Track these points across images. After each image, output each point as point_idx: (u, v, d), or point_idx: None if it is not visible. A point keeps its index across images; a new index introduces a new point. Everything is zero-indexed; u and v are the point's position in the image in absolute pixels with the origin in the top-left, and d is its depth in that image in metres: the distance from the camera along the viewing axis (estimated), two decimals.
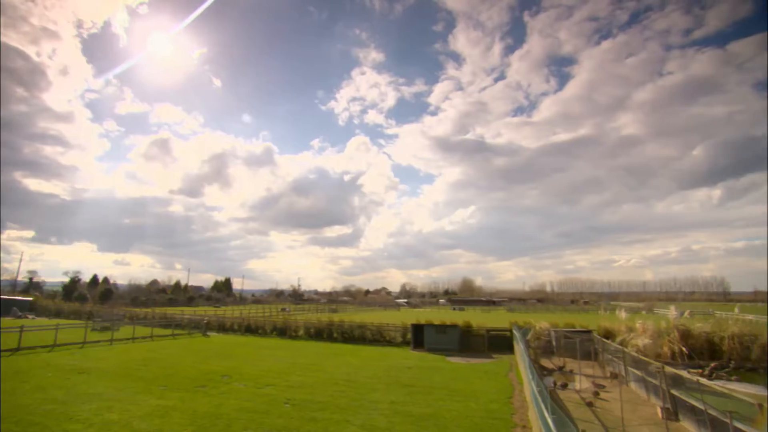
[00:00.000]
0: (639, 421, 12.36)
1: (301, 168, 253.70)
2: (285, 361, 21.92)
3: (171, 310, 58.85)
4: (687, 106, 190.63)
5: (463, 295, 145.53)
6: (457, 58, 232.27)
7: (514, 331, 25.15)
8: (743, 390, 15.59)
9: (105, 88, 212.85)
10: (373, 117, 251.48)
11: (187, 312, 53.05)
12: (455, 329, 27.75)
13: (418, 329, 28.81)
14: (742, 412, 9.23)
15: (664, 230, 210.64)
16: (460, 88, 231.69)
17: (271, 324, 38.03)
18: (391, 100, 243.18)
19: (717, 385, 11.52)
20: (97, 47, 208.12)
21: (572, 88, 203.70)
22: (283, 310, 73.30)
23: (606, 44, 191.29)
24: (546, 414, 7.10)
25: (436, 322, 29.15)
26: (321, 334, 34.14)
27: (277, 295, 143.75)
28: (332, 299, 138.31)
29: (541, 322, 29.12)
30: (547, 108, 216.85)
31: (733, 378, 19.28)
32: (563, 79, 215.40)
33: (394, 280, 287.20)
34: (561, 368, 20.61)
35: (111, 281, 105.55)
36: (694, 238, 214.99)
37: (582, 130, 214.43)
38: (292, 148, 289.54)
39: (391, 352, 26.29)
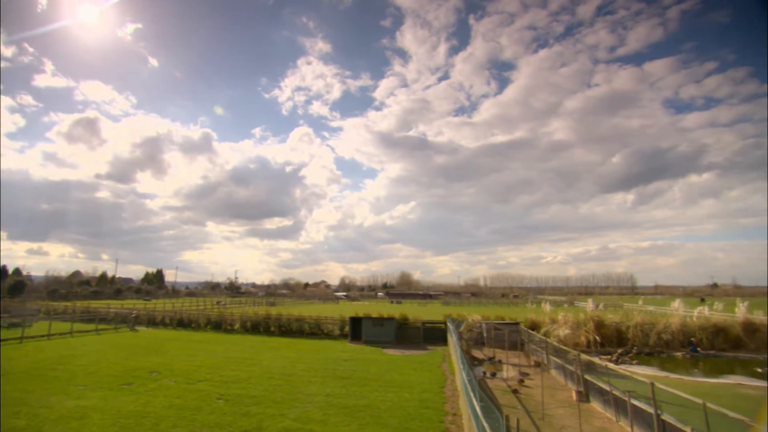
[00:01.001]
0: (556, 404, 13.59)
1: (241, 157, 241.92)
2: (219, 356, 21.26)
3: (96, 304, 54.24)
4: (609, 117, 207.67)
5: (401, 289, 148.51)
6: (404, 55, 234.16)
7: (448, 324, 26.30)
8: (641, 372, 17.69)
9: (18, 56, 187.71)
10: (317, 108, 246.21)
11: (113, 306, 49.65)
12: (392, 322, 28.43)
13: (355, 322, 29.15)
14: (639, 391, 10.58)
15: (586, 230, 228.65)
16: (405, 84, 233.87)
17: (206, 318, 36.66)
18: (336, 92, 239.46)
19: (621, 368, 12.98)
20: (7, 8, 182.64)
21: (511, 92, 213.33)
22: (219, 303, 70.43)
23: (543, 53, 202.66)
24: (475, 402, 7.59)
25: (374, 315, 29.71)
26: (258, 327, 33.43)
27: (213, 288, 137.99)
28: (270, 292, 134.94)
29: (474, 314, 30.73)
30: (486, 110, 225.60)
31: (634, 362, 21.78)
32: (503, 83, 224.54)
33: (333, 273, 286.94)
34: (491, 358, 21.93)
35: (24, 272, 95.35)
36: (611, 238, 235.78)
37: (518, 132, 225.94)
38: (233, 136, 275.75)
39: (328, 345, 26.38)
